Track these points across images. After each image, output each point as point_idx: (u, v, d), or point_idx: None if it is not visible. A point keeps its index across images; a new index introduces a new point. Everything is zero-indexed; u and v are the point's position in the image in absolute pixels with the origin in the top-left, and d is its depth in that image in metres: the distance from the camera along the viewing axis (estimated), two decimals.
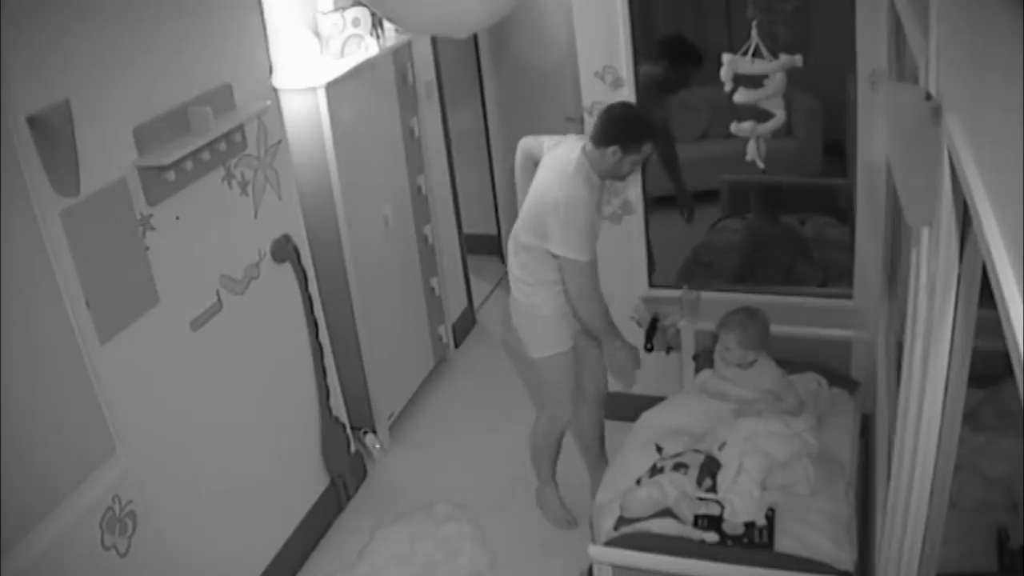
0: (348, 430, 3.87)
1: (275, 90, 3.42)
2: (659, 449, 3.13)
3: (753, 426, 2.99)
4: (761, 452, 2.88)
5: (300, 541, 3.58)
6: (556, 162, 3.15)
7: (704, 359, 3.49)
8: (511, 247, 3.29)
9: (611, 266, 3.90)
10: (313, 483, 3.70)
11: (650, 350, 3.61)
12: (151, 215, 2.76)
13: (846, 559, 2.67)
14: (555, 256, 3.07)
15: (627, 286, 3.86)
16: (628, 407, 3.83)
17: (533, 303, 3.25)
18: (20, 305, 2.31)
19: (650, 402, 3.55)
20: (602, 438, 3.69)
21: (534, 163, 3.33)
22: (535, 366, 3.42)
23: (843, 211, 4.09)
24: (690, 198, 4.44)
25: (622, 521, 2.88)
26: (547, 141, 3.31)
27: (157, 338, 2.80)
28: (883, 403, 3.09)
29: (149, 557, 2.74)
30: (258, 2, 3.26)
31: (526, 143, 3.40)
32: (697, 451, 3.03)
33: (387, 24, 3.90)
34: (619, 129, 3.04)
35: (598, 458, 3.70)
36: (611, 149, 3.03)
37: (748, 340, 3.20)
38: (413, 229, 4.40)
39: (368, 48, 3.83)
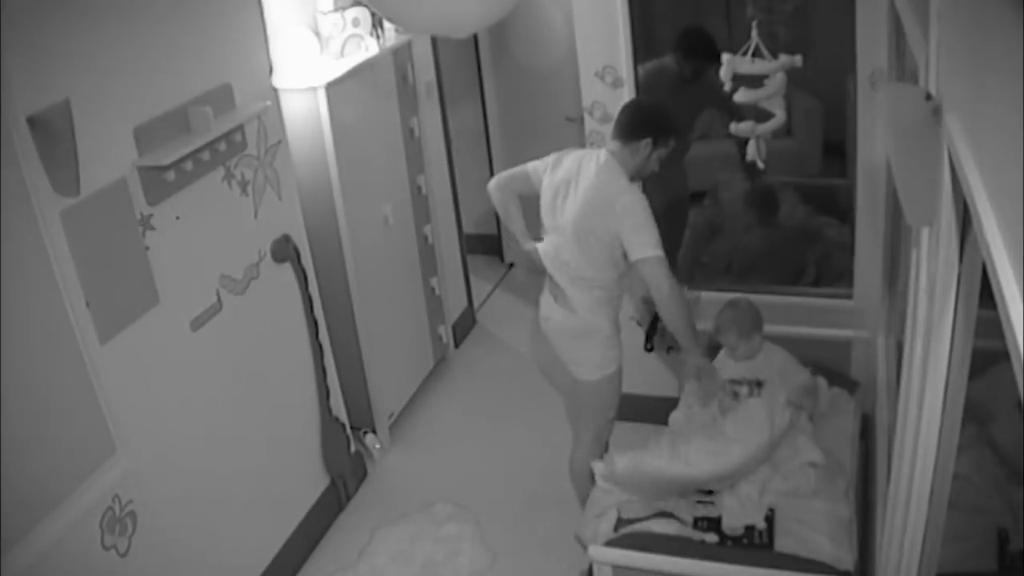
0: (348, 430, 3.87)
1: (275, 90, 3.42)
2: None
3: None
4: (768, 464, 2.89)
5: (300, 541, 3.58)
6: (586, 173, 3.01)
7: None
8: (561, 278, 3.10)
9: None
10: (313, 483, 3.70)
11: (650, 350, 3.61)
12: (151, 215, 2.76)
13: (846, 559, 2.67)
14: (636, 262, 2.94)
15: (627, 286, 3.85)
16: (628, 407, 3.83)
17: (593, 325, 3.11)
18: (20, 305, 2.31)
19: (650, 402, 3.55)
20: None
21: (518, 197, 3.24)
22: (587, 388, 3.24)
23: (843, 211, 4.09)
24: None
25: (622, 522, 2.88)
26: (535, 166, 3.17)
27: (157, 338, 2.80)
28: (883, 403, 3.09)
29: (149, 557, 2.74)
30: (258, 2, 3.26)
31: (502, 181, 3.26)
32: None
33: (387, 24, 3.90)
34: (651, 121, 3.01)
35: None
36: (644, 142, 2.97)
37: (746, 328, 3.21)
38: (413, 229, 4.40)
39: (368, 48, 3.83)
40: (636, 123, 3.00)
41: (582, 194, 3.01)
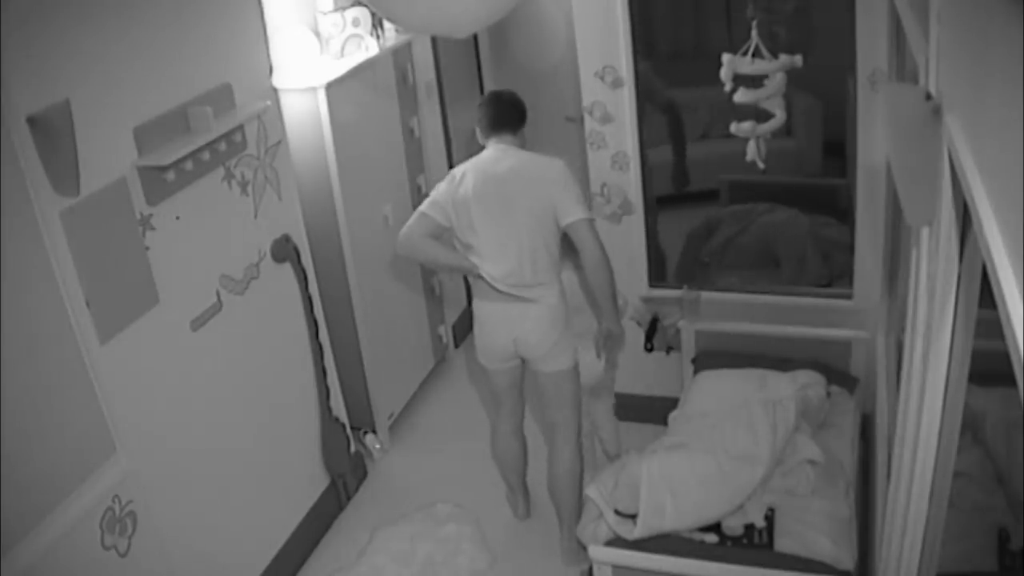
0: (348, 430, 3.87)
1: (275, 90, 3.42)
2: None
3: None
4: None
5: (300, 541, 3.58)
6: (501, 169, 3.04)
7: (702, 362, 3.48)
8: (518, 265, 3.02)
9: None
10: (313, 483, 3.70)
11: (650, 350, 3.61)
12: (151, 215, 2.76)
13: (846, 559, 2.67)
14: (572, 223, 2.95)
15: (627, 286, 3.86)
16: (628, 407, 3.84)
17: (562, 308, 3.13)
18: (20, 305, 2.31)
19: (651, 402, 3.55)
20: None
21: (434, 237, 3.13)
22: (565, 377, 3.20)
23: (843, 211, 4.09)
24: (685, 172, 4.60)
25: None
26: (431, 203, 3.12)
27: (157, 338, 2.80)
28: (883, 403, 3.09)
29: (149, 557, 2.74)
30: (258, 2, 3.26)
31: (405, 233, 3.12)
32: None
33: (387, 24, 3.91)
34: (523, 107, 3.18)
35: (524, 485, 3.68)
36: (524, 128, 3.17)
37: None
38: None
39: (368, 48, 3.83)
40: (517, 112, 3.16)
41: (513, 183, 3.03)
